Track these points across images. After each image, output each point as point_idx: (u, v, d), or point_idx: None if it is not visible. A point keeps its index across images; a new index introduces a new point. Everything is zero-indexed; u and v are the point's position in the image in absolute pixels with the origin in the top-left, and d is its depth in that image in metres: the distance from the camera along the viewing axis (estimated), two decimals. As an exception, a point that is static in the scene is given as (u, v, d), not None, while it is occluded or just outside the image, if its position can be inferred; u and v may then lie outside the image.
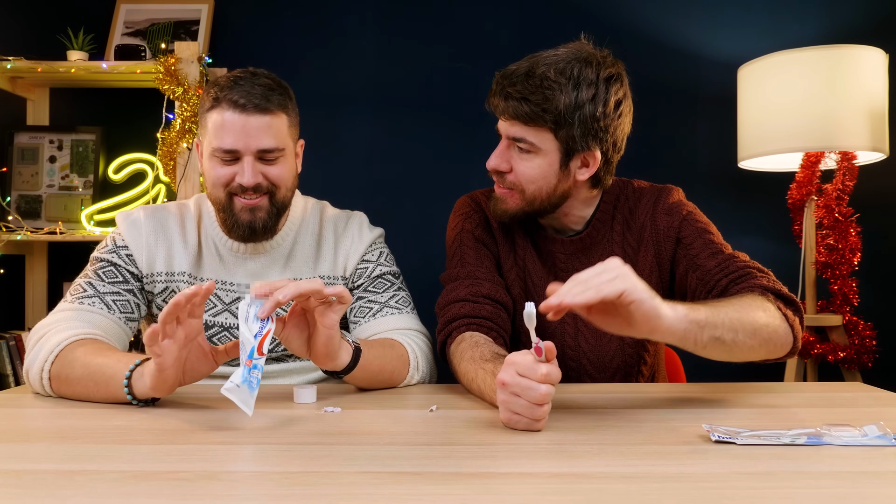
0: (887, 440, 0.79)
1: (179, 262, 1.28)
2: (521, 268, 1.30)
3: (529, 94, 1.13)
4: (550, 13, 2.37)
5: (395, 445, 0.80)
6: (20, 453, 0.78)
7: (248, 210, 1.23)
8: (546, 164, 1.18)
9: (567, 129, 1.14)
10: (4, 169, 2.26)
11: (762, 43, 2.26)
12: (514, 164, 1.21)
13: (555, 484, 0.66)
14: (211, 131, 1.20)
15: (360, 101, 2.38)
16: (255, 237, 1.26)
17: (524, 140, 1.17)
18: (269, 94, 1.19)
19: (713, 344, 0.98)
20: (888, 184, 2.26)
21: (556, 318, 0.87)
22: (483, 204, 1.35)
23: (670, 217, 1.25)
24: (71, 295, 1.21)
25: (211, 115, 1.20)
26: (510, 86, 1.16)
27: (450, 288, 1.25)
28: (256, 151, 1.20)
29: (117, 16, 2.36)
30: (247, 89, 1.18)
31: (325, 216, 1.38)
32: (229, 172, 1.21)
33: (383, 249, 1.38)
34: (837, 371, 2.07)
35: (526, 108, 1.14)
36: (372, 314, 1.29)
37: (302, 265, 1.33)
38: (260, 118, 1.18)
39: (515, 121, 1.17)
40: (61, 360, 1.07)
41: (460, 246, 1.30)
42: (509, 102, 1.16)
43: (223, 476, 0.69)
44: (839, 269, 2.02)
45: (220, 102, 1.19)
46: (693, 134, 2.35)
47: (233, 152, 1.19)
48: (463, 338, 1.16)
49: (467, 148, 2.37)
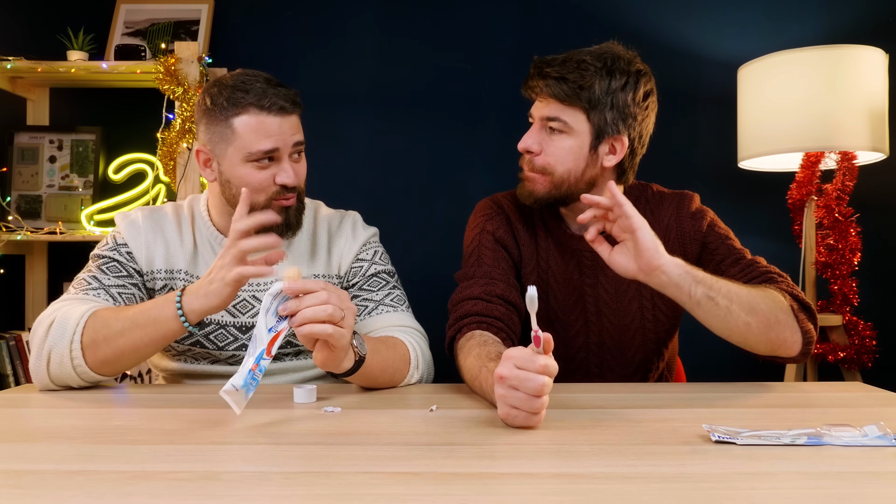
0: (887, 440, 0.79)
1: (178, 261, 1.29)
2: (543, 269, 1.32)
3: (567, 74, 1.19)
4: (551, 13, 2.37)
5: (395, 445, 0.80)
6: (20, 453, 0.78)
7: (285, 210, 1.24)
8: (577, 146, 1.22)
9: (599, 111, 1.19)
10: (4, 169, 2.26)
11: (762, 43, 2.26)
12: (546, 146, 1.23)
13: (555, 484, 0.66)
14: (243, 136, 1.19)
15: (360, 101, 2.38)
16: (290, 232, 1.28)
17: (558, 119, 1.21)
18: (291, 94, 1.23)
19: (707, 303, 1.06)
20: (888, 184, 2.26)
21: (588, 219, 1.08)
22: (506, 207, 1.36)
23: (696, 222, 1.30)
24: (75, 288, 1.21)
25: (239, 121, 1.19)
26: (548, 66, 1.21)
27: (464, 286, 1.27)
28: (293, 146, 1.23)
29: (117, 16, 2.36)
30: (272, 90, 1.20)
31: (319, 216, 1.39)
32: (268, 175, 1.22)
33: (378, 248, 1.38)
34: (837, 371, 2.07)
35: (564, 87, 1.19)
36: (367, 312, 1.30)
37: (296, 264, 1.33)
38: (292, 118, 1.23)
39: (552, 99, 1.21)
40: (92, 326, 1.10)
41: (479, 246, 1.31)
42: (547, 81, 1.20)
43: (223, 476, 0.69)
44: (839, 269, 2.02)
45: (247, 107, 1.18)
46: (693, 134, 2.35)
47: (272, 152, 1.21)
48: (472, 335, 1.17)
49: (467, 148, 2.37)
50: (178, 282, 1.28)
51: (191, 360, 1.30)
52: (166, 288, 1.28)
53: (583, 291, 1.31)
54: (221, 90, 1.20)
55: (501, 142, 2.35)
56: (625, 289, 1.30)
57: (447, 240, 2.31)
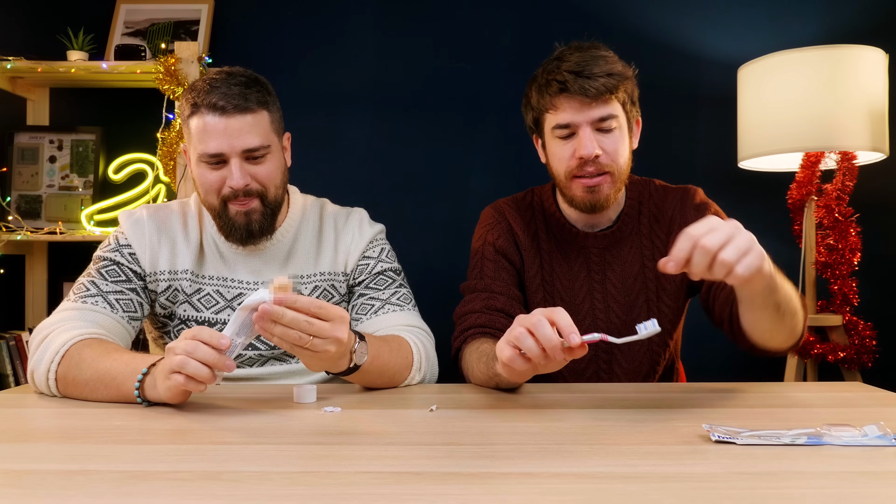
0: (887, 440, 0.79)
1: (182, 261, 1.29)
2: (547, 271, 1.34)
3: (608, 69, 1.20)
4: (550, 13, 2.37)
5: (395, 445, 0.80)
6: (20, 453, 0.78)
7: (243, 214, 1.23)
8: (623, 136, 1.26)
9: (624, 94, 1.24)
10: (4, 169, 2.26)
11: (762, 43, 2.26)
12: (603, 146, 1.24)
13: (555, 484, 0.66)
14: (195, 137, 1.20)
15: (360, 101, 2.38)
16: (252, 240, 1.27)
17: (609, 115, 1.23)
18: (247, 93, 1.19)
19: (771, 308, 1.03)
20: (888, 184, 2.26)
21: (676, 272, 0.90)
22: (507, 213, 1.38)
23: (699, 213, 1.31)
24: (74, 294, 1.21)
25: (192, 122, 1.20)
26: (587, 69, 1.20)
27: (467, 299, 1.30)
28: (242, 152, 1.19)
29: (117, 16, 2.36)
30: (223, 91, 1.17)
31: (325, 213, 1.38)
32: (219, 177, 1.21)
33: (384, 246, 1.37)
34: (837, 371, 2.07)
35: (612, 81, 1.21)
36: (374, 311, 1.29)
37: (302, 262, 1.33)
38: (241, 118, 1.18)
39: (598, 98, 1.20)
40: (67, 362, 1.07)
41: (481, 258, 1.34)
42: (596, 81, 1.19)
43: (223, 476, 0.69)
44: (839, 269, 2.02)
45: (198, 108, 1.18)
46: (693, 134, 2.35)
47: (218, 155, 1.19)
48: (480, 342, 1.20)
49: (467, 148, 2.37)
50: (182, 282, 1.28)
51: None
52: (170, 289, 1.28)
53: (591, 288, 1.33)
54: (190, 90, 1.21)
55: (501, 142, 2.35)
56: (632, 282, 1.32)
57: (446, 239, 2.32)
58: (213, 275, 1.30)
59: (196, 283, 1.29)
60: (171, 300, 1.28)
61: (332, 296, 1.34)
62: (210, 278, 1.29)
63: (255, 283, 1.30)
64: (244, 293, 1.29)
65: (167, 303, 1.28)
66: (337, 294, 1.34)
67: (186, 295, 1.28)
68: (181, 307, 1.28)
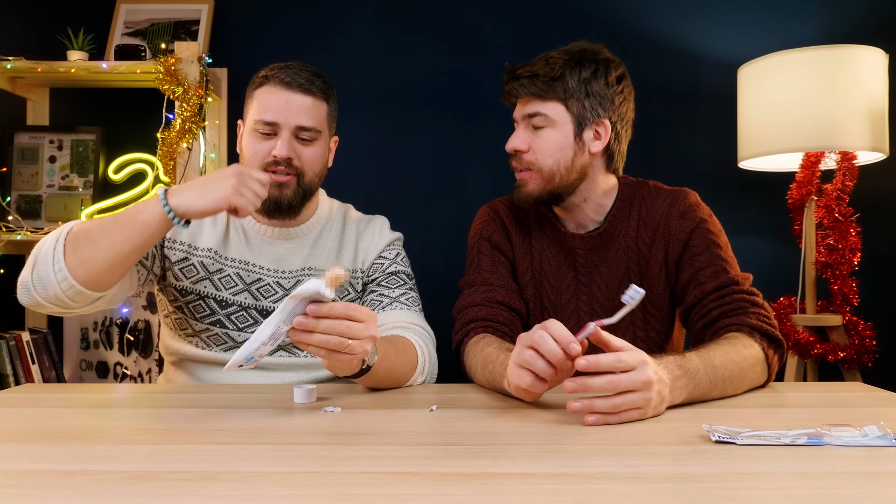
0: (887, 440, 0.79)
1: (205, 239, 1.33)
2: (536, 269, 1.35)
3: (538, 70, 1.25)
4: (550, 13, 2.37)
5: (395, 445, 0.80)
6: (20, 453, 0.78)
7: (277, 186, 1.27)
8: (561, 137, 1.25)
9: (576, 99, 1.24)
10: (4, 169, 2.26)
11: (762, 43, 2.26)
12: (532, 143, 1.27)
13: (555, 484, 0.66)
14: (256, 106, 1.28)
15: (359, 101, 2.38)
16: (279, 213, 1.31)
17: (538, 113, 1.25)
18: (314, 80, 1.29)
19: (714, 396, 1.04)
20: (888, 184, 2.26)
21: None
22: (501, 211, 1.40)
23: (683, 221, 1.29)
24: None
25: (258, 92, 1.29)
26: (520, 69, 1.27)
27: (467, 293, 1.32)
28: (295, 128, 1.26)
29: (117, 16, 2.36)
30: (295, 71, 1.28)
31: (349, 217, 1.45)
32: (267, 147, 1.27)
33: (400, 251, 1.43)
34: (837, 371, 2.07)
35: (538, 83, 1.24)
36: (381, 307, 1.33)
37: (324, 256, 1.37)
38: (303, 98, 1.27)
39: (529, 97, 1.26)
40: (79, 227, 1.11)
41: (478, 253, 1.36)
42: (521, 81, 1.25)
43: (223, 476, 0.69)
44: (839, 269, 2.02)
45: (268, 80, 1.28)
46: (693, 134, 2.35)
47: (273, 125, 1.25)
48: (481, 337, 1.21)
49: (467, 148, 2.37)
50: (205, 259, 1.31)
51: (203, 345, 1.31)
52: (186, 262, 1.31)
53: (577, 290, 1.33)
54: (264, 68, 1.30)
55: (501, 142, 2.32)
56: (616, 286, 1.32)
57: (446, 239, 2.31)
58: (235, 257, 1.33)
59: (219, 262, 1.33)
60: (185, 274, 1.31)
61: (348, 292, 1.38)
62: (232, 260, 1.33)
63: (276, 271, 1.33)
64: (263, 279, 1.32)
65: (181, 274, 1.31)
66: (353, 291, 1.39)
67: (209, 272, 1.31)
68: (201, 284, 1.32)
